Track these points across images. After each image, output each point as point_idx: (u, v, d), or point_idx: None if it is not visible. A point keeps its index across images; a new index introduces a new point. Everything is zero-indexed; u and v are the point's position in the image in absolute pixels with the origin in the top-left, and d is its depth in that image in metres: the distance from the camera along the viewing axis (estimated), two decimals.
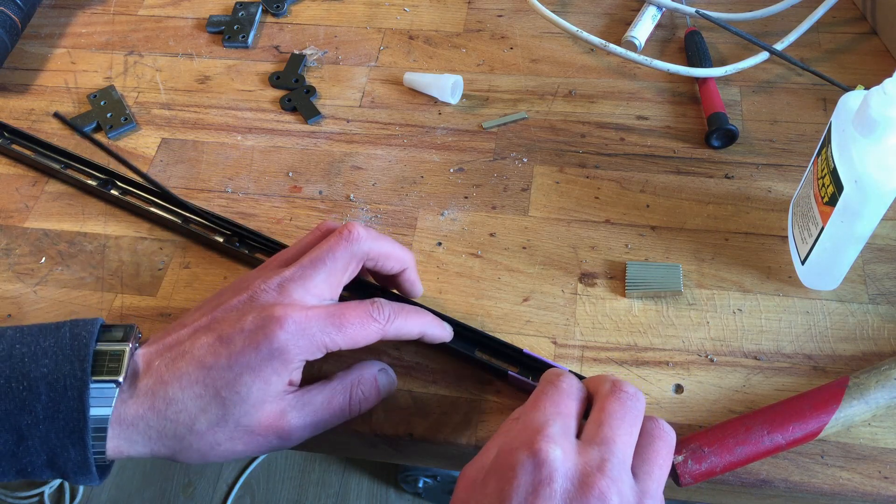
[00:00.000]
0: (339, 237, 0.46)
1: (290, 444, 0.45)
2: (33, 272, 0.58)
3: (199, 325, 0.45)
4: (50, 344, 0.43)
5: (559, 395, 0.42)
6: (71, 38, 0.73)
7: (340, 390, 0.46)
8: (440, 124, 0.64)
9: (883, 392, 0.46)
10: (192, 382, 0.42)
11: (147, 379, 0.43)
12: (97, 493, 1.37)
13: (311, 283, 0.45)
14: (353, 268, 0.47)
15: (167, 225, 0.59)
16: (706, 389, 0.50)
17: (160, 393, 0.42)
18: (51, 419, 0.41)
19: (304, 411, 0.44)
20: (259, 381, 0.42)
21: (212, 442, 0.43)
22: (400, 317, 0.46)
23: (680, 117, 0.63)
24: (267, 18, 0.74)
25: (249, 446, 0.44)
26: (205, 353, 0.43)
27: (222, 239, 0.57)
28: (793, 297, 0.53)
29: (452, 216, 0.59)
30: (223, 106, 0.67)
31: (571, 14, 0.71)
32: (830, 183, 0.46)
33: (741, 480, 0.46)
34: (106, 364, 0.42)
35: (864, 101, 0.43)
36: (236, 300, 0.45)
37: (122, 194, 0.61)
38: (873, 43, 0.67)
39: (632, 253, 0.56)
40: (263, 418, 0.43)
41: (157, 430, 0.43)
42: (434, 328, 0.49)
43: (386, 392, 0.49)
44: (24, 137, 0.65)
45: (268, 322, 0.43)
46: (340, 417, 0.46)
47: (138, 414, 0.42)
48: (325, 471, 1.38)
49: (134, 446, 0.43)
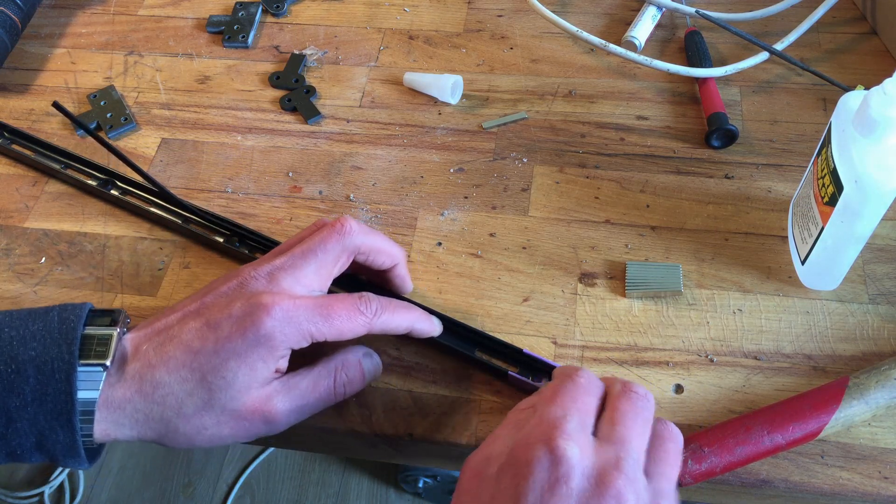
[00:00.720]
0: (331, 230, 0.47)
1: (276, 429, 0.45)
2: (33, 272, 0.58)
3: (188, 310, 0.45)
4: (38, 328, 0.43)
5: (577, 390, 0.42)
6: (71, 38, 0.73)
7: (325, 374, 0.47)
8: (440, 124, 0.64)
9: (883, 392, 0.46)
10: (179, 366, 0.43)
11: (135, 363, 0.43)
12: (97, 492, 1.37)
13: (301, 273, 0.46)
14: (344, 261, 0.48)
15: (167, 225, 0.59)
16: (706, 389, 0.50)
17: (147, 376, 0.43)
18: (39, 402, 0.42)
19: (290, 396, 0.45)
20: (245, 367, 0.43)
21: (198, 426, 0.43)
22: (387, 311, 0.47)
23: (680, 117, 0.63)
24: (267, 18, 0.74)
25: (236, 431, 0.44)
26: (192, 338, 0.43)
27: (222, 239, 0.57)
28: (793, 297, 0.53)
29: (452, 216, 0.59)
30: (223, 106, 0.67)
31: (571, 14, 0.71)
32: (830, 183, 0.46)
33: (741, 480, 0.46)
34: (94, 348, 0.43)
35: (864, 101, 0.43)
36: (226, 287, 0.46)
37: (123, 194, 0.61)
38: (873, 43, 0.67)
39: (632, 253, 0.56)
40: (249, 403, 0.43)
41: (144, 413, 0.43)
42: (422, 323, 0.49)
43: (371, 376, 0.49)
44: (24, 137, 0.65)
45: (255, 309, 0.43)
46: (326, 401, 0.47)
47: (126, 397, 0.43)
48: (325, 471, 1.38)
49: (121, 429, 0.43)
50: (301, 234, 0.49)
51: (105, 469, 1.39)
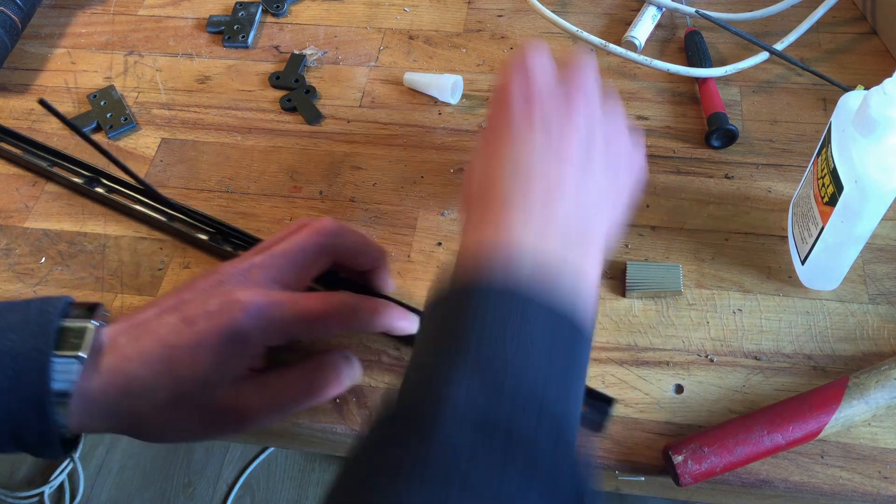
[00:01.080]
0: (311, 231, 0.47)
1: (247, 427, 0.45)
2: (33, 272, 0.58)
3: (166, 305, 0.46)
4: (17, 319, 0.43)
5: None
6: (71, 38, 0.73)
7: (300, 375, 0.47)
8: (440, 124, 0.64)
9: (883, 392, 0.46)
10: (154, 360, 0.43)
11: (111, 356, 0.44)
12: (97, 492, 1.37)
13: (278, 271, 0.46)
14: (323, 262, 0.48)
15: (152, 223, 0.59)
16: (706, 389, 0.50)
17: (122, 369, 0.43)
18: (14, 391, 0.42)
19: (262, 395, 0.45)
20: (218, 363, 0.43)
21: (169, 420, 0.44)
22: (364, 310, 0.47)
23: (680, 117, 0.63)
24: (267, 18, 0.74)
25: (206, 427, 0.44)
26: (168, 333, 0.44)
27: (206, 237, 0.57)
28: (793, 297, 0.53)
29: (453, 216, 0.59)
30: (223, 106, 0.67)
31: (571, 14, 0.71)
32: (830, 183, 0.46)
33: (741, 480, 0.46)
34: (69, 340, 0.43)
35: (864, 101, 0.43)
36: (204, 283, 0.46)
37: (109, 192, 0.61)
38: (873, 43, 0.67)
39: (632, 253, 0.56)
40: (220, 400, 0.44)
41: (117, 405, 0.43)
42: (399, 320, 0.49)
43: (349, 379, 0.49)
44: (11, 135, 0.64)
45: (231, 306, 0.43)
46: (300, 403, 0.47)
47: (100, 389, 0.43)
48: (325, 471, 1.38)
49: (94, 421, 0.43)
50: (282, 232, 0.49)
51: (105, 469, 1.39)
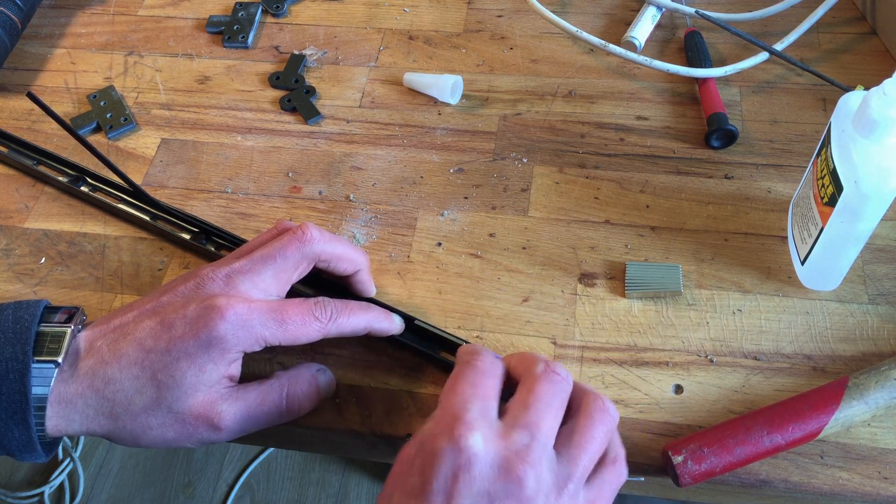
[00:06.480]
0: (292, 237, 0.47)
1: (221, 437, 0.45)
2: (33, 272, 0.58)
3: (145, 308, 0.46)
4: None
5: (476, 375, 0.42)
6: (71, 39, 0.73)
7: (277, 388, 0.47)
8: (440, 124, 0.64)
9: (883, 392, 0.46)
10: (131, 364, 0.43)
11: (88, 359, 0.44)
12: (97, 492, 1.37)
13: (258, 277, 0.46)
14: (304, 267, 0.48)
15: (135, 222, 0.59)
16: (706, 390, 0.50)
17: (100, 372, 0.43)
18: None
19: (237, 405, 0.45)
20: (194, 368, 0.43)
21: (144, 425, 0.44)
22: (343, 315, 0.47)
23: (680, 117, 0.63)
24: (267, 18, 0.74)
25: (180, 434, 0.44)
26: (146, 336, 0.44)
27: (189, 236, 0.57)
28: (792, 298, 0.53)
29: (452, 216, 0.59)
30: (223, 106, 0.67)
31: (571, 14, 0.71)
32: (830, 183, 0.46)
33: (741, 480, 0.46)
34: (47, 345, 0.43)
35: (864, 101, 0.43)
36: (184, 287, 0.46)
37: (93, 191, 0.61)
38: (873, 43, 0.67)
39: (632, 253, 0.56)
40: (194, 406, 0.44)
41: (94, 408, 0.43)
42: (380, 323, 0.49)
43: (326, 392, 0.49)
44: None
45: (209, 311, 0.44)
46: (276, 415, 0.47)
47: (77, 392, 0.43)
48: (325, 471, 1.38)
49: (71, 424, 0.44)
50: (263, 236, 0.49)
51: (105, 469, 1.39)
